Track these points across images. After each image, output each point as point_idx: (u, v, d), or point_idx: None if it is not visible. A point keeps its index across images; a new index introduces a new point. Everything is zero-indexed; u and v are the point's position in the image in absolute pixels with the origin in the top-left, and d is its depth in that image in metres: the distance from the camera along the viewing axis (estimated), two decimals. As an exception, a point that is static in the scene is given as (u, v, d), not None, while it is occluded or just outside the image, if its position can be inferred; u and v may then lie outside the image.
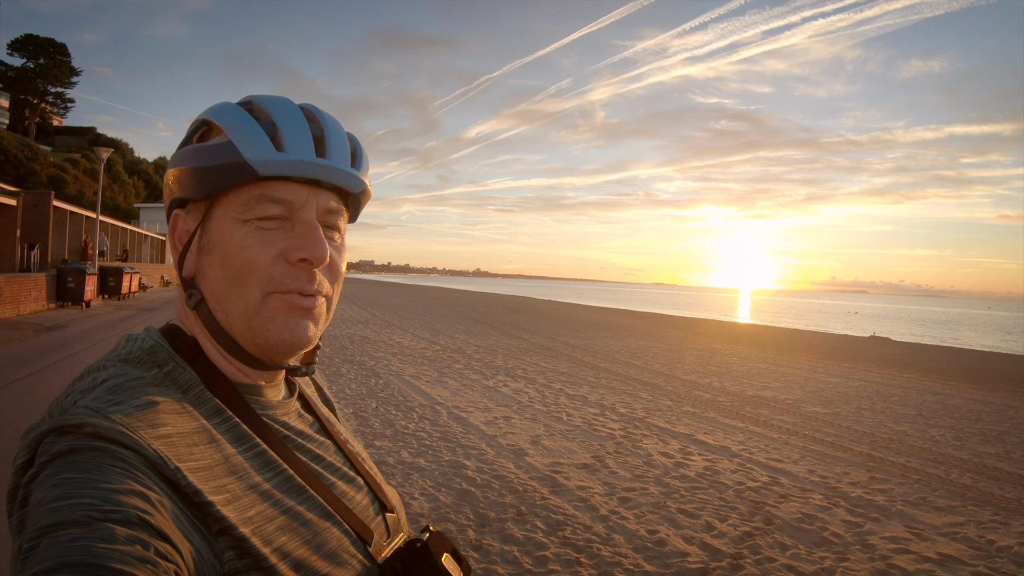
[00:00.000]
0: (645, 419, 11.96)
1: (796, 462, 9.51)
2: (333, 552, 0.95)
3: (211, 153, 0.99)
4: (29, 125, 69.60)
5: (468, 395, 13.40)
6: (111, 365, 0.95)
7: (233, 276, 0.99)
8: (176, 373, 0.97)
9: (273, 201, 0.99)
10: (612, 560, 5.91)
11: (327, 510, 0.99)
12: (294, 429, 1.07)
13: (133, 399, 0.88)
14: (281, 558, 0.88)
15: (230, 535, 0.85)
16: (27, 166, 49.54)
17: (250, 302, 0.99)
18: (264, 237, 0.99)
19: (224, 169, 0.98)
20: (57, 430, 0.82)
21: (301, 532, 0.93)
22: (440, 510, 6.83)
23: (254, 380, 1.07)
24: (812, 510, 7.45)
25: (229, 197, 1.00)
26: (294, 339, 1.01)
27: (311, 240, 1.00)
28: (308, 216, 1.01)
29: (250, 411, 1.00)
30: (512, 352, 21.50)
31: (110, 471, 0.77)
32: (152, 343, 1.00)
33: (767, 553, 6.23)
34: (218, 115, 1.02)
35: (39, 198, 33.67)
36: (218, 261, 1.00)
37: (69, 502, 0.73)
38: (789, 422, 12.44)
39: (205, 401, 0.96)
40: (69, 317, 22.42)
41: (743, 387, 16.72)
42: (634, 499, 7.53)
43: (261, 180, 0.99)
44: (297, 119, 1.02)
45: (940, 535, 6.97)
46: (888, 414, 13.97)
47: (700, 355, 24.22)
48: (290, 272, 1.00)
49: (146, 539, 0.73)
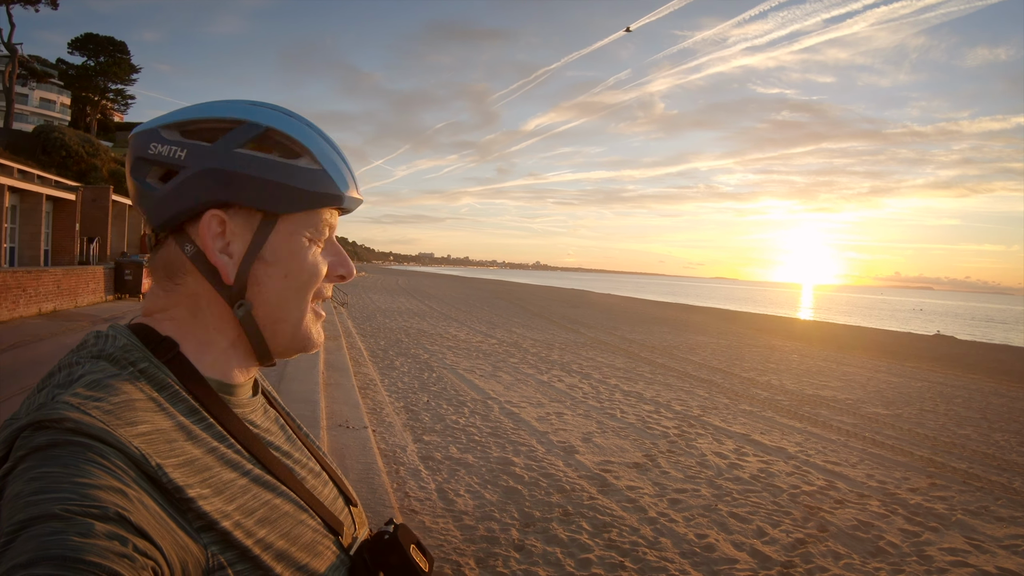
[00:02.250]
0: (700, 417, 11.84)
1: (854, 466, 9.31)
2: (310, 543, 0.98)
3: (307, 178, 1.04)
4: (90, 122, 71.06)
5: (521, 390, 13.41)
6: (85, 361, 0.94)
7: (297, 288, 1.06)
8: (151, 371, 0.96)
9: (329, 226, 1.09)
10: (657, 565, 5.82)
11: (301, 504, 1.01)
12: (262, 426, 1.08)
13: (111, 395, 0.87)
14: (264, 549, 0.89)
15: (213, 530, 0.85)
16: (88, 161, 50.52)
17: (304, 310, 1.07)
18: (319, 256, 1.08)
19: (318, 197, 1.05)
20: (35, 424, 0.81)
21: (280, 524, 0.94)
22: (485, 508, 6.81)
23: (232, 380, 1.07)
24: (869, 517, 7.28)
25: (299, 217, 1.05)
26: (321, 341, 1.12)
27: (347, 261, 1.14)
28: (335, 238, 1.13)
29: (225, 409, 1.01)
30: (568, 346, 21.48)
31: (89, 467, 0.77)
32: (125, 341, 0.98)
33: (819, 562, 6.09)
34: (297, 133, 1.05)
35: (98, 192, 34.45)
36: (282, 273, 1.05)
37: (47, 496, 0.73)
38: (848, 423, 12.21)
39: (181, 400, 0.96)
40: (126, 309, 22.86)
41: (802, 386, 16.48)
42: (685, 501, 7.43)
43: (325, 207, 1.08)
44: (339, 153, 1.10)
45: (1001, 548, 6.75)
46: (951, 417, 13.65)
47: (759, 352, 23.95)
48: (327, 285, 1.11)
49: (124, 535, 0.73)
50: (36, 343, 14.28)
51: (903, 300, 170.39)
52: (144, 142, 1.03)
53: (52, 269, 20.75)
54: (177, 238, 1.04)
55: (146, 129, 1.04)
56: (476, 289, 64.58)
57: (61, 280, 20.91)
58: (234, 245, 1.03)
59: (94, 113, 72.79)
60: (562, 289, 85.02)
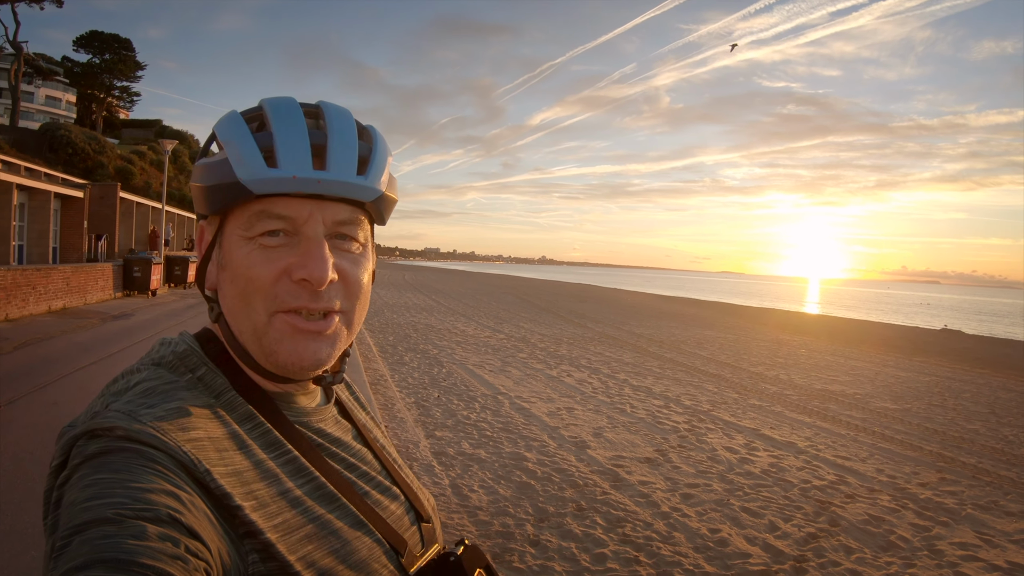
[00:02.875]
0: (710, 412, 11.88)
1: (864, 460, 9.36)
2: (363, 562, 0.95)
3: (211, 171, 0.98)
4: (96, 119, 70.88)
5: (531, 385, 13.44)
6: (144, 368, 0.96)
7: (240, 294, 0.98)
8: (208, 378, 0.98)
9: (274, 217, 0.97)
10: (672, 560, 5.87)
11: (359, 519, 0.99)
12: (329, 436, 1.07)
13: (165, 403, 0.89)
14: (307, 566, 0.88)
15: (256, 539, 0.85)
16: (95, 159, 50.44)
17: (257, 322, 0.98)
18: (267, 255, 0.97)
19: (223, 188, 0.96)
20: (89, 433, 0.83)
21: (330, 541, 0.93)
22: (499, 503, 6.85)
23: (285, 388, 1.06)
24: (879, 512, 7.32)
25: (235, 213, 0.99)
26: (303, 362, 0.98)
27: (312, 259, 0.96)
28: (312, 232, 0.98)
29: (282, 418, 1.00)
30: (576, 341, 21.51)
31: (141, 471, 0.79)
32: (185, 347, 1.00)
33: (831, 556, 6.13)
34: (220, 128, 1.00)
35: (106, 190, 34.51)
36: (229, 278, 0.99)
37: (101, 501, 0.74)
38: (858, 418, 12.25)
39: (237, 407, 0.97)
40: (135, 306, 22.90)
41: (811, 380, 16.50)
42: (697, 496, 7.48)
43: (261, 197, 0.96)
44: (296, 129, 0.98)
45: (1011, 542, 6.80)
46: (960, 411, 13.68)
47: (767, 346, 23.97)
48: (293, 290, 0.97)
49: (176, 536, 0.74)
50: (47, 340, 14.37)
51: (910, 294, 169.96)
52: None
53: (61, 267, 20.82)
54: None
55: None
56: (482, 284, 64.52)
57: (70, 277, 20.96)
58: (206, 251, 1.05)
59: (100, 110, 72.64)
60: (568, 284, 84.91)
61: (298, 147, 0.96)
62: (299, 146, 0.96)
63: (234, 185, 0.95)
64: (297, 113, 1.00)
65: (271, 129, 0.97)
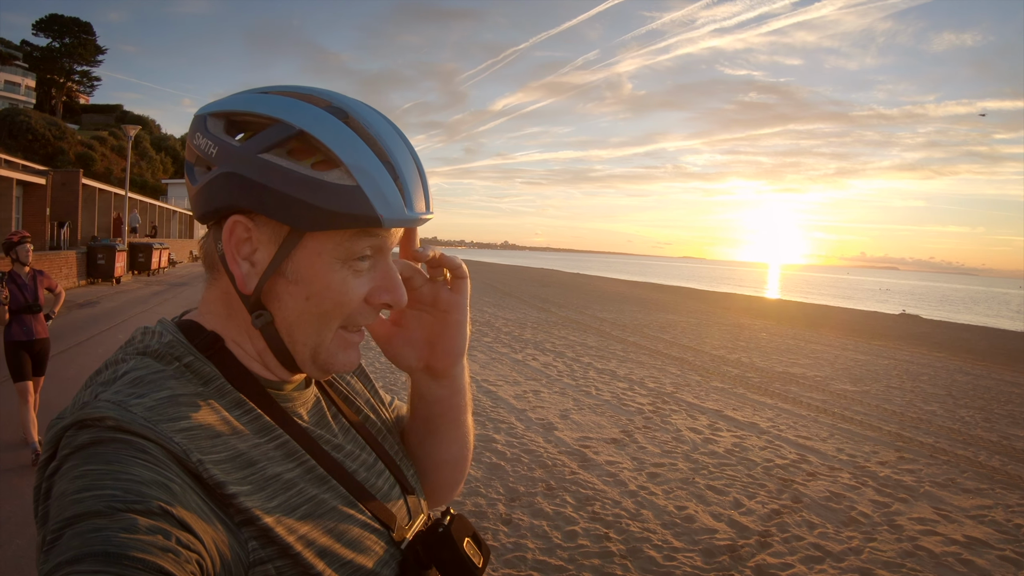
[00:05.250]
0: (674, 394, 12.02)
1: (825, 440, 9.54)
2: (356, 540, 0.97)
3: (336, 196, 0.92)
4: (56, 104, 69.85)
5: (497, 368, 13.52)
6: (131, 358, 0.94)
7: (320, 314, 0.98)
8: (196, 366, 0.96)
9: (370, 245, 0.97)
10: (641, 536, 5.99)
11: (349, 498, 1.00)
12: (312, 419, 1.07)
13: (155, 392, 0.88)
14: (305, 546, 0.89)
15: (254, 525, 0.86)
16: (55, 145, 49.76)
17: (325, 338, 1.00)
18: (358, 280, 0.98)
19: (347, 218, 0.92)
20: (78, 423, 0.82)
21: (324, 521, 0.94)
22: (470, 484, 6.91)
23: (279, 376, 1.06)
24: (840, 489, 7.49)
25: (329, 235, 0.95)
26: (349, 368, 1.04)
27: (397, 286, 1.01)
28: (388, 258, 1.02)
29: (271, 402, 1.00)
30: (541, 325, 21.59)
31: (132, 462, 0.78)
32: (170, 337, 0.98)
33: (795, 532, 6.28)
34: (333, 141, 0.93)
35: (68, 176, 33.88)
36: (303, 294, 0.97)
37: (91, 493, 0.74)
38: (818, 399, 12.45)
39: (226, 393, 0.96)
40: (100, 294, 22.67)
41: (772, 363, 16.72)
42: (663, 475, 7.60)
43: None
44: (413, 169, 0.99)
45: (968, 517, 6.99)
46: (918, 393, 13.93)
47: (729, 330, 24.21)
48: (366, 312, 1.01)
49: (168, 529, 0.74)
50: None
51: (869, 280, 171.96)
52: (194, 129, 1.00)
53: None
54: (215, 232, 1.01)
55: (200, 114, 1.00)
56: (446, 269, 64.23)
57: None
58: (259, 254, 0.98)
59: (60, 95, 71.57)
60: (531, 269, 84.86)
61: (417, 185, 0.99)
62: (417, 184, 0.99)
63: (371, 219, 0.92)
64: (404, 144, 1.00)
65: (395, 164, 0.96)
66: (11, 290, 7.34)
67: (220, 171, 0.95)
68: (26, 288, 7.51)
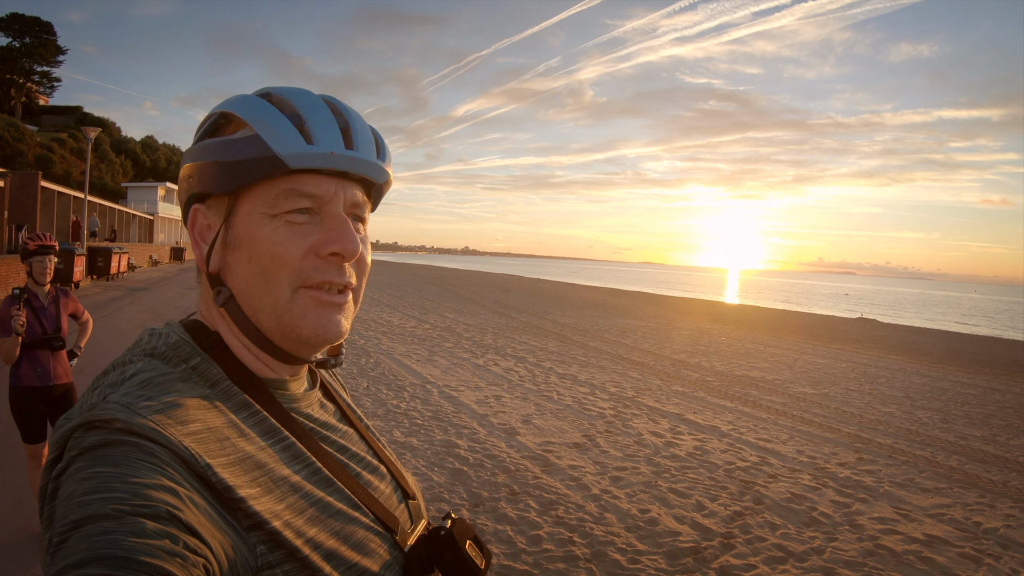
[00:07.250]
0: (635, 398, 12.04)
1: (785, 442, 9.60)
2: (361, 542, 0.96)
3: (237, 147, 0.97)
4: (15, 105, 68.86)
5: (458, 374, 13.44)
6: (138, 359, 0.95)
7: (261, 272, 0.98)
8: (203, 368, 0.96)
9: (302, 195, 0.98)
10: (605, 539, 5.97)
11: (354, 501, 0.99)
12: (318, 420, 1.07)
13: (163, 395, 0.88)
14: (313, 549, 0.88)
15: (262, 529, 0.85)
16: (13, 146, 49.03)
17: (280, 298, 0.98)
18: (294, 232, 0.98)
19: (252, 164, 0.96)
20: (86, 425, 0.82)
21: (330, 523, 0.93)
22: (433, 490, 6.87)
23: (280, 374, 1.06)
24: (801, 490, 7.53)
25: (256, 192, 0.98)
26: (327, 333, 1.01)
27: (343, 234, 0.99)
28: (337, 210, 1.00)
29: (277, 405, 1.00)
30: (502, 331, 21.56)
31: (140, 466, 0.77)
32: (177, 338, 0.99)
33: (757, 532, 6.31)
34: (241, 108, 1.00)
35: (26, 179, 33.32)
36: (245, 257, 0.99)
37: (99, 496, 0.73)
38: (778, 402, 12.55)
39: (232, 396, 0.96)
40: (57, 298, 22.10)
41: (732, 367, 16.83)
42: (625, 478, 7.59)
43: (289, 174, 0.97)
44: (323, 110, 1.00)
45: (927, 516, 7.06)
46: (876, 396, 14.10)
47: (688, 335, 24.34)
48: (320, 266, 0.99)
49: (175, 533, 0.73)
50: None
51: (827, 285, 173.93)
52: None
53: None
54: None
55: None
56: (406, 275, 64.13)
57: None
58: (210, 233, 1.03)
59: (19, 96, 70.53)
60: (492, 274, 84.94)
61: (329, 126, 0.99)
62: (330, 125, 1.00)
63: (271, 160, 0.95)
64: (316, 96, 1.03)
65: (298, 109, 0.99)
66: (27, 316, 5.28)
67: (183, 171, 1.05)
68: (44, 314, 5.47)
